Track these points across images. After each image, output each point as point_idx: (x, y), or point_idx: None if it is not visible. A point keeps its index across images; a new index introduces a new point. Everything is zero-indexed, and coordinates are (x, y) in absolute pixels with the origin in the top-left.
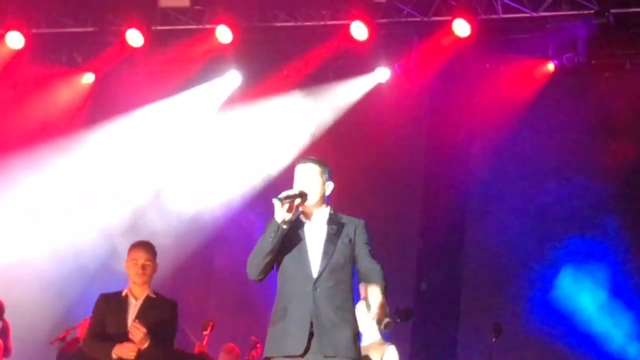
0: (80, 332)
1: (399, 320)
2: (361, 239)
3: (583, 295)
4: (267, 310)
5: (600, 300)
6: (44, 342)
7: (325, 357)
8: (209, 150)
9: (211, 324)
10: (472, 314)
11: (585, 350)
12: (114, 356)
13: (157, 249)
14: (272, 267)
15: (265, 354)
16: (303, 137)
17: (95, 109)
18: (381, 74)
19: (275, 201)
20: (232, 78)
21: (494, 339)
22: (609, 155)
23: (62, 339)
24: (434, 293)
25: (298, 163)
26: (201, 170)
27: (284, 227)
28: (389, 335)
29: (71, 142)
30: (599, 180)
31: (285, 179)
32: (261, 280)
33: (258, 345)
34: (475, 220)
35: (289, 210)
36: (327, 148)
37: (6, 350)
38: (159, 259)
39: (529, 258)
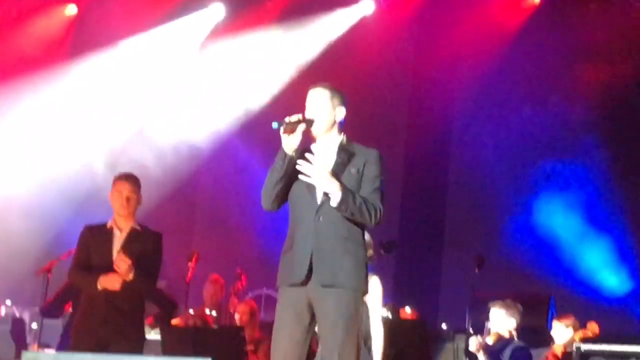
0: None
1: (382, 252)
2: (371, 171)
3: (564, 221)
4: (251, 243)
5: (578, 226)
6: (30, 273)
7: (323, 286)
8: (193, 82)
9: (195, 255)
10: (455, 246)
11: (565, 278)
12: (99, 287)
13: (142, 181)
14: (286, 197)
15: (277, 284)
16: (287, 70)
17: (78, 41)
18: (365, 6)
19: (275, 125)
20: (215, 10)
21: (476, 270)
22: (587, 80)
23: (47, 270)
24: (417, 225)
25: (310, 88)
26: (185, 102)
27: (291, 154)
28: (372, 267)
29: (54, 74)
30: (577, 105)
31: (270, 110)
32: (275, 209)
33: (243, 277)
34: (458, 151)
35: (290, 133)
36: (311, 81)
37: None
38: (143, 191)
39: (511, 185)
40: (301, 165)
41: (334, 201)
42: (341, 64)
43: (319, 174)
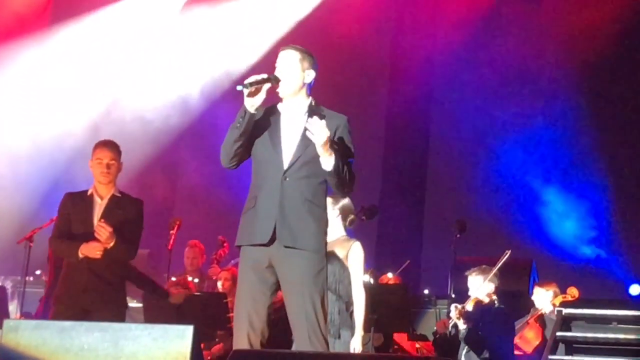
0: None
1: (364, 217)
2: (343, 138)
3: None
4: (234, 210)
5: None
6: (12, 242)
7: (285, 247)
8: (174, 48)
9: (177, 223)
10: (437, 211)
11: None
12: (80, 255)
13: (123, 147)
14: (246, 155)
15: (236, 243)
16: (267, 38)
17: (57, 6)
18: None
19: (240, 88)
20: None
21: (457, 235)
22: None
23: (29, 239)
24: (399, 190)
25: (280, 50)
26: (165, 70)
27: (252, 111)
28: (354, 231)
29: (32, 41)
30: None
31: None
32: (233, 167)
33: (225, 244)
34: (438, 116)
35: (255, 93)
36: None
37: None
38: (124, 158)
39: (491, 150)
40: (310, 122)
41: (328, 165)
42: (321, 31)
43: (324, 134)
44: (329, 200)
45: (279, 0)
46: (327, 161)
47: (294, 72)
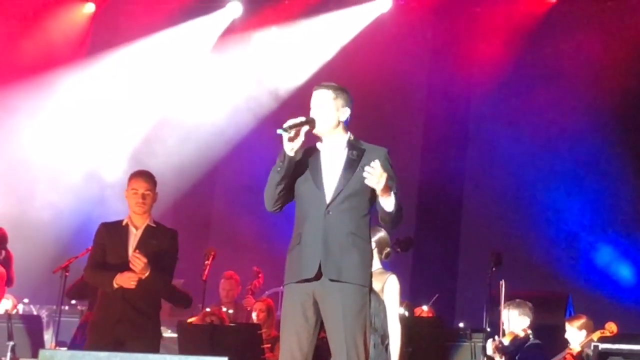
0: None
1: (399, 250)
2: (385, 171)
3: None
4: (269, 244)
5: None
6: (47, 272)
7: (331, 280)
8: (209, 80)
9: (212, 253)
10: (472, 243)
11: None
12: (114, 285)
13: (158, 179)
14: (290, 198)
15: (285, 282)
16: (304, 69)
17: (95, 39)
18: (382, 4)
19: (280, 132)
20: (233, 8)
21: (493, 268)
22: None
23: (65, 269)
24: (434, 222)
25: (314, 89)
26: (200, 101)
27: (291, 155)
28: (390, 264)
29: (73, 71)
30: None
31: (286, 109)
32: (277, 211)
33: (260, 275)
34: (475, 149)
35: (295, 137)
36: (328, 79)
37: (9, 280)
38: (159, 189)
39: (528, 183)
40: (370, 169)
41: (390, 205)
42: (358, 62)
43: (383, 178)
44: None
45: (313, 34)
46: (388, 202)
47: (329, 112)
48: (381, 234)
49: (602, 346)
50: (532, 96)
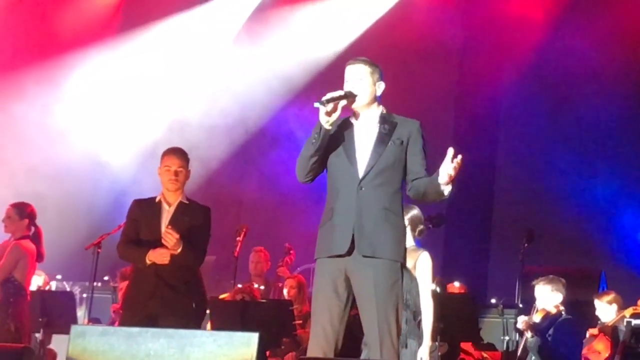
0: None
1: (431, 226)
2: (417, 144)
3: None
4: (299, 218)
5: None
6: (80, 248)
7: (364, 256)
8: (240, 56)
9: (244, 229)
10: (504, 220)
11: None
12: (147, 261)
13: (190, 156)
14: (321, 169)
15: (315, 256)
16: (333, 45)
17: (126, 18)
18: None
19: (317, 105)
20: None
21: (525, 244)
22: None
23: (97, 245)
24: (467, 199)
25: (348, 64)
26: (234, 75)
27: (327, 128)
28: (422, 241)
29: (103, 47)
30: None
31: (316, 85)
32: (309, 182)
33: (292, 252)
34: (508, 124)
35: (332, 111)
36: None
37: (39, 256)
38: (191, 166)
39: (561, 158)
40: (449, 160)
41: (447, 190)
42: (386, 43)
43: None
44: None
45: (343, 12)
46: (448, 188)
47: (366, 86)
48: (414, 211)
49: (635, 322)
50: (567, 70)
